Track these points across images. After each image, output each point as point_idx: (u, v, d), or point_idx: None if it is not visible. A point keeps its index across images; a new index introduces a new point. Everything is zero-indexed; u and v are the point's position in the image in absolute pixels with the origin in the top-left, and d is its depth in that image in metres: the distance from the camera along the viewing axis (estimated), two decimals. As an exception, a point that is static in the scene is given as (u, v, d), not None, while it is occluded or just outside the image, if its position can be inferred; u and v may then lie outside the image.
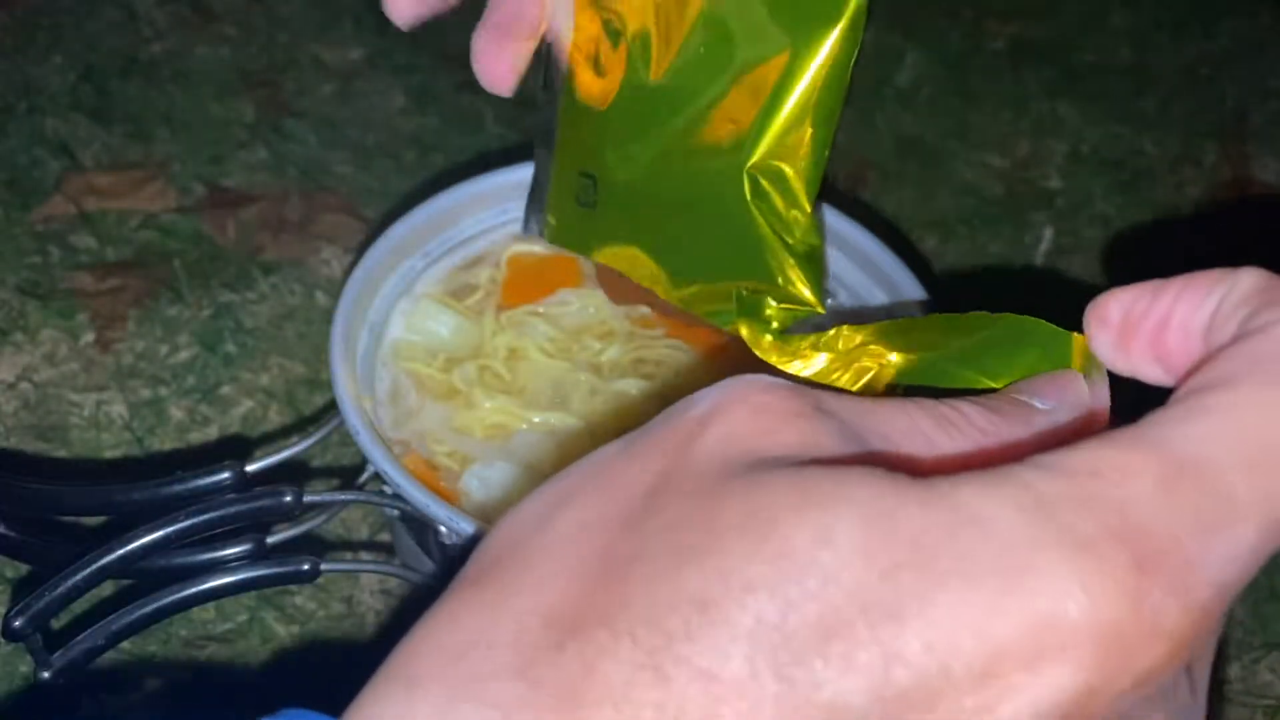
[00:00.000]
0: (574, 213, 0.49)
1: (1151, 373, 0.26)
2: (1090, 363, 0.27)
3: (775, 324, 0.42)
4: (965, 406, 0.25)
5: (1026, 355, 0.29)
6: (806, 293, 0.43)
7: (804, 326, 0.39)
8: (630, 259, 0.47)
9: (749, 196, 0.42)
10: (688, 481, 0.23)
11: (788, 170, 0.42)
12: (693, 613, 0.20)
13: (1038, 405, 0.27)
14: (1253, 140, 1.01)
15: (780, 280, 0.43)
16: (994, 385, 0.30)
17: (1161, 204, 0.94)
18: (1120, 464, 0.21)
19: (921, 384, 0.31)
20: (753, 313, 0.42)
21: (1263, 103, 1.05)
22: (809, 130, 0.41)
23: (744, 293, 0.43)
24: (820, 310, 0.43)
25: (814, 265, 0.44)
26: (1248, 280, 0.23)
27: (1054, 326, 0.29)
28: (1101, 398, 0.27)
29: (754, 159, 0.42)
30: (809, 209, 0.43)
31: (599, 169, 0.47)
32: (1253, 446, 0.21)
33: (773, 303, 0.43)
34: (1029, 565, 0.20)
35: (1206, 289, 0.24)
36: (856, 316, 0.56)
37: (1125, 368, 0.26)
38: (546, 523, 0.24)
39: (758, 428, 0.23)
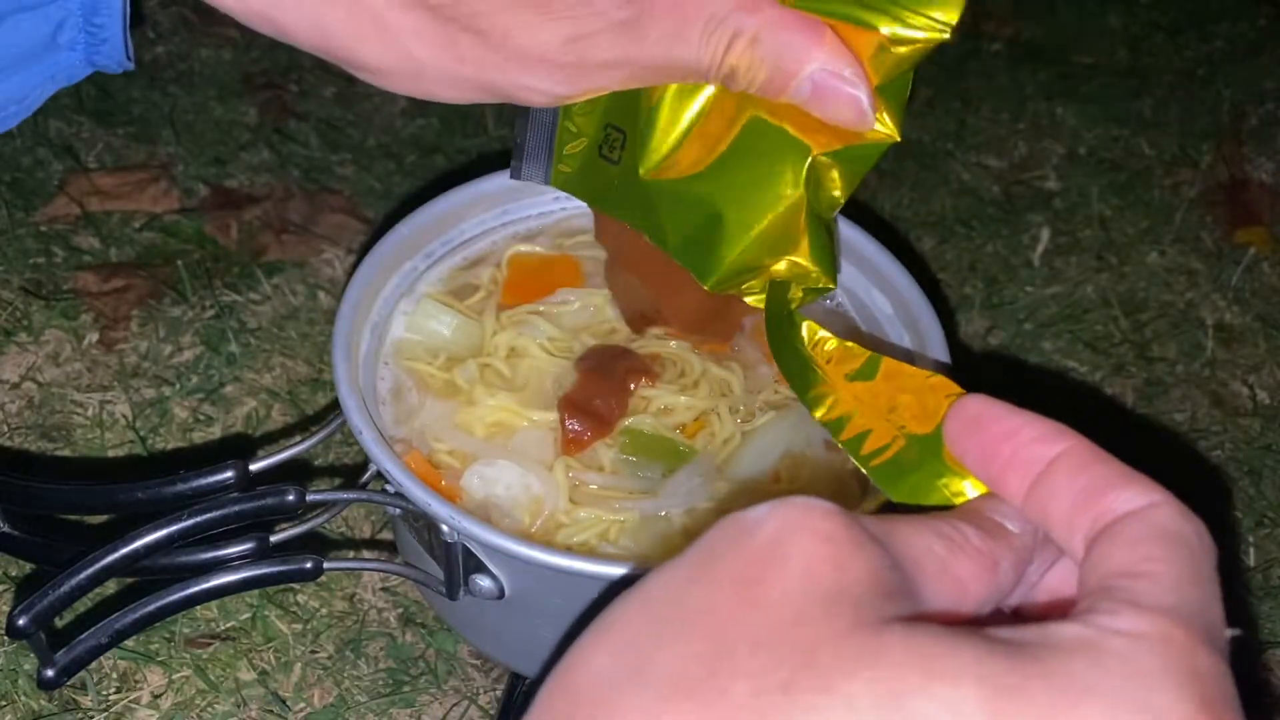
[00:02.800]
0: (592, 164, 0.48)
1: (974, 467, 0.31)
2: None
3: (794, 304, 0.44)
4: (963, 526, 0.28)
5: None
6: (823, 270, 0.44)
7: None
8: (651, 224, 0.47)
9: (804, 175, 0.43)
10: (791, 630, 0.23)
11: (846, 164, 0.43)
12: None
13: (1010, 528, 0.29)
14: (1249, 141, 1.01)
15: (805, 258, 0.44)
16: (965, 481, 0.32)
17: (1158, 204, 0.95)
18: (1179, 634, 0.24)
19: (901, 495, 0.34)
20: (778, 301, 0.44)
21: (1259, 104, 1.05)
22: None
23: (775, 284, 0.44)
24: (832, 287, 0.45)
25: (833, 243, 0.45)
26: (1083, 450, 0.28)
27: None
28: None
29: (822, 150, 0.43)
30: (844, 199, 0.44)
31: (632, 125, 0.45)
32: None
33: (796, 288, 0.44)
34: None
35: (1052, 433, 0.29)
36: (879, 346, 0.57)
37: (959, 452, 0.31)
38: (644, 662, 0.23)
39: (831, 561, 0.24)
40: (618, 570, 0.45)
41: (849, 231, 0.59)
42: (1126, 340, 0.83)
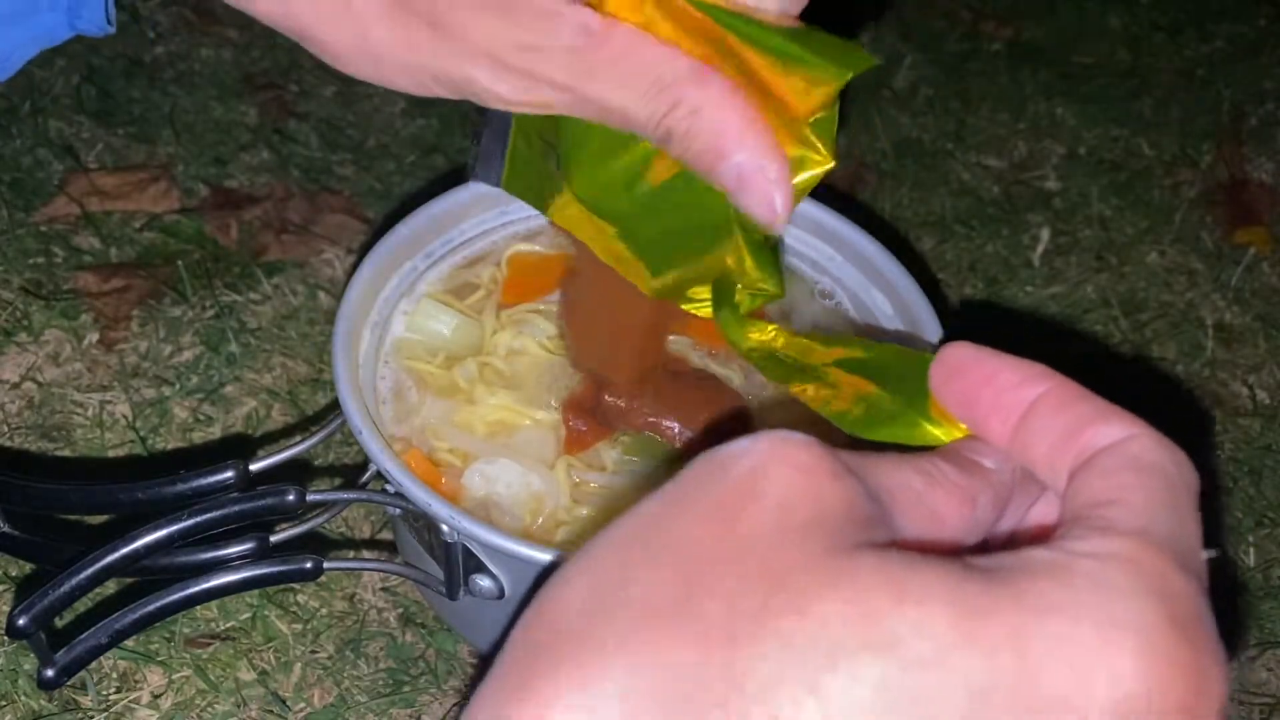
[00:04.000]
0: (538, 168, 0.48)
1: (958, 412, 0.31)
2: None
3: (741, 309, 0.44)
4: (940, 463, 0.29)
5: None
6: (768, 282, 0.44)
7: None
8: (595, 233, 0.47)
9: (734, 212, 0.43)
10: (765, 557, 0.24)
11: None
12: (803, 693, 0.22)
13: (987, 465, 0.29)
14: (1249, 141, 1.01)
15: (746, 271, 0.44)
16: (933, 429, 0.32)
17: (1158, 205, 0.95)
18: (1149, 556, 0.24)
19: (877, 437, 0.34)
20: (723, 299, 0.44)
21: (1259, 104, 1.05)
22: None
23: (719, 282, 0.44)
24: (780, 294, 0.45)
25: (775, 254, 0.45)
26: (1063, 389, 0.29)
27: None
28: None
29: None
30: None
31: (561, 144, 0.45)
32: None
33: (742, 289, 0.44)
34: (1113, 651, 0.22)
35: (1033, 375, 0.29)
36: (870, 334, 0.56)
37: (942, 399, 0.31)
38: (618, 591, 0.24)
39: (808, 491, 0.25)
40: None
41: (848, 230, 0.59)
42: (1126, 340, 0.83)
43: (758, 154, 0.40)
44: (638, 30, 0.40)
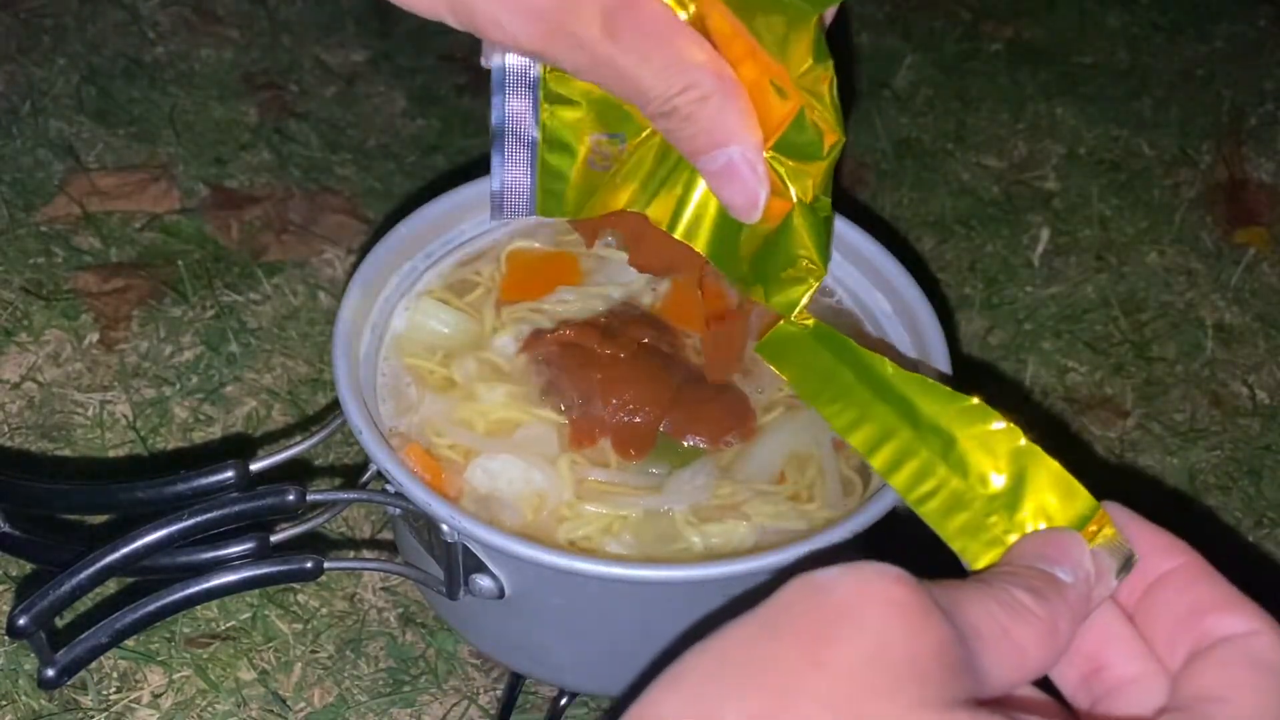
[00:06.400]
0: (584, 178, 0.48)
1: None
2: (1106, 540, 0.32)
3: (798, 302, 0.45)
4: (1016, 593, 0.29)
5: (1044, 500, 0.33)
6: (814, 253, 0.45)
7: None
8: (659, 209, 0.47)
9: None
10: (858, 699, 0.24)
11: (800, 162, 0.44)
12: None
13: (1060, 576, 0.30)
14: (1249, 141, 1.01)
15: (794, 241, 0.44)
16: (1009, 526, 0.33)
17: (1158, 204, 0.95)
18: None
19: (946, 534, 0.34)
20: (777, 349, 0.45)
21: (1259, 104, 1.05)
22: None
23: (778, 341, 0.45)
24: (823, 271, 0.45)
25: (829, 230, 0.46)
26: (1195, 568, 0.30)
27: (1089, 496, 0.33)
28: (1102, 568, 0.31)
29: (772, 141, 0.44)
30: (825, 168, 0.44)
31: (630, 126, 0.46)
32: None
33: (788, 280, 0.45)
34: None
35: (1168, 547, 0.30)
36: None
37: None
38: (710, 710, 0.24)
39: (901, 629, 0.25)
40: (617, 570, 0.46)
41: (848, 230, 0.59)
42: (1126, 340, 0.83)
43: (749, 150, 0.42)
44: (666, 6, 0.40)
